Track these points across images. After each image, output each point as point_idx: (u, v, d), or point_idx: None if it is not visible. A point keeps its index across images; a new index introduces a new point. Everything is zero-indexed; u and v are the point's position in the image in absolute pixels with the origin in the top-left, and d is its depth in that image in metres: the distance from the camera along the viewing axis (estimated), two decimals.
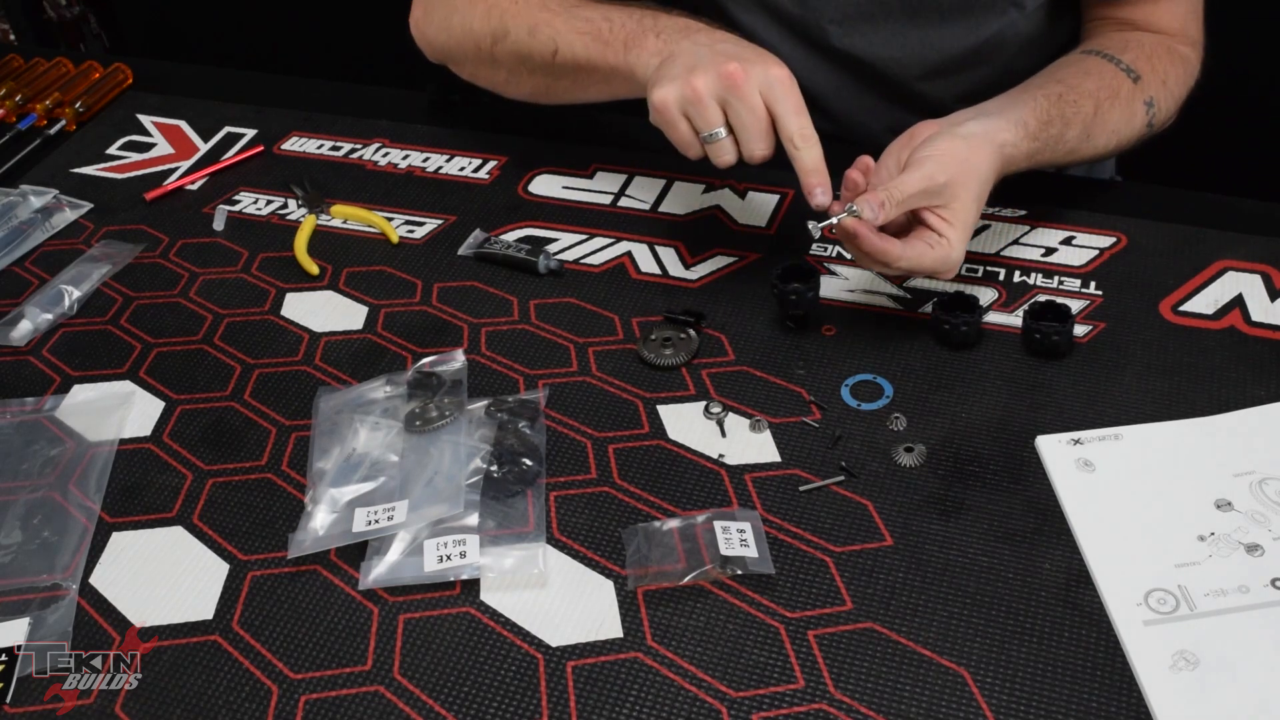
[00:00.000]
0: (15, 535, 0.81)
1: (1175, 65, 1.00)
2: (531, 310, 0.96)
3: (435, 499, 0.79)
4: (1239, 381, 0.83)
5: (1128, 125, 0.96)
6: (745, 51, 0.85)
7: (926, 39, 1.05)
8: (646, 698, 0.68)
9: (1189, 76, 1.01)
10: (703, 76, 0.83)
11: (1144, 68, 0.98)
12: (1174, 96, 1.00)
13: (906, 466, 0.80)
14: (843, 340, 0.90)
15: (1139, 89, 0.97)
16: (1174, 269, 0.94)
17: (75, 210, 1.12)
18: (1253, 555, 0.71)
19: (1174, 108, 1.00)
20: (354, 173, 1.15)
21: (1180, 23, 1.02)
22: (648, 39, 0.90)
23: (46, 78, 1.32)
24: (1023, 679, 0.67)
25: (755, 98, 0.82)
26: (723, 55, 0.84)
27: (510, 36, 1.00)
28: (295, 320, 0.98)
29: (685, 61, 0.85)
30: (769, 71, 0.83)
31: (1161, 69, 0.99)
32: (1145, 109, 0.97)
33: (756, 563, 0.73)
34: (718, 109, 0.83)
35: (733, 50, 0.85)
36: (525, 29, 0.98)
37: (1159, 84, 0.98)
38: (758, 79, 0.82)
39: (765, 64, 0.83)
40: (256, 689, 0.70)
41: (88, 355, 0.96)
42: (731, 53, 0.84)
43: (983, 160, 0.86)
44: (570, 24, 0.95)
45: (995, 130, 0.88)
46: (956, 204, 0.84)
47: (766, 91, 0.83)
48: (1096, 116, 0.94)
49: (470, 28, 1.04)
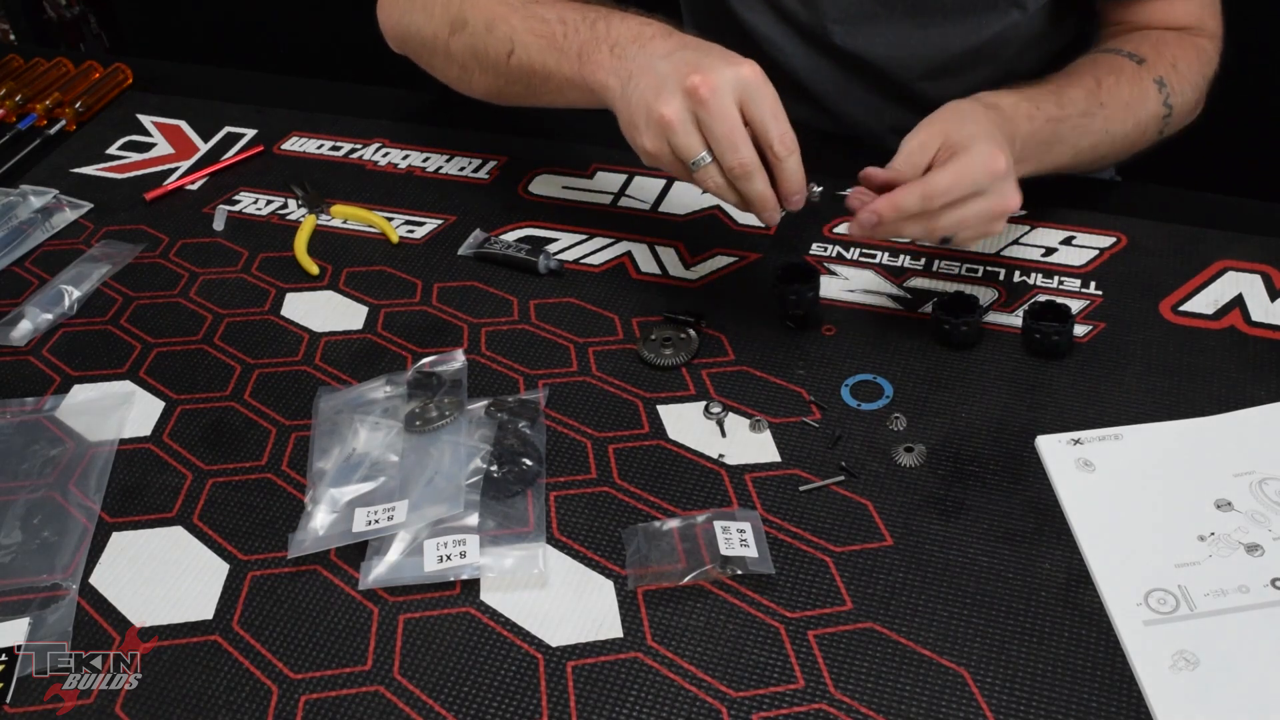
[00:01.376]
0: (15, 535, 0.81)
1: (1186, 50, 0.98)
2: (531, 310, 0.96)
3: (435, 499, 0.79)
4: (1239, 381, 0.83)
5: (1141, 102, 0.94)
6: (706, 57, 0.79)
7: (929, 38, 1.05)
8: (646, 698, 0.68)
9: (1204, 64, 1.00)
10: (669, 101, 0.77)
11: (1148, 52, 0.96)
12: (1189, 81, 0.98)
13: (906, 466, 0.80)
14: (843, 340, 0.90)
15: (1145, 69, 0.95)
16: (1174, 269, 0.94)
17: (75, 210, 1.12)
18: (1253, 555, 0.71)
19: (1192, 94, 0.98)
20: (354, 173, 1.15)
21: (1195, 17, 1.01)
22: (601, 52, 0.85)
23: (46, 78, 1.32)
24: (1023, 679, 0.67)
25: (726, 103, 0.76)
26: (684, 65, 0.78)
27: (468, 29, 0.96)
28: (295, 320, 0.98)
29: (648, 85, 0.79)
30: (738, 73, 0.77)
31: (1169, 54, 0.97)
32: (1157, 87, 0.95)
33: (756, 563, 0.73)
34: (694, 130, 0.78)
35: (693, 58, 0.79)
36: (483, 22, 0.95)
37: (1167, 66, 0.96)
38: (726, 84, 0.77)
39: (732, 65, 0.77)
40: (256, 689, 0.70)
41: (88, 355, 0.96)
42: (692, 61, 0.78)
43: (966, 106, 0.84)
44: (527, 23, 0.91)
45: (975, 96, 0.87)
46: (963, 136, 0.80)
47: (740, 96, 0.77)
48: (1101, 88, 0.92)
49: (430, 14, 1.00)
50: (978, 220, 0.81)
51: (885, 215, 0.79)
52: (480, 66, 0.97)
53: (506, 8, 0.93)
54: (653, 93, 0.79)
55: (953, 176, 0.79)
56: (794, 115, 1.17)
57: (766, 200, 0.79)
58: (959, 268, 0.95)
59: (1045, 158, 0.91)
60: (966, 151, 0.79)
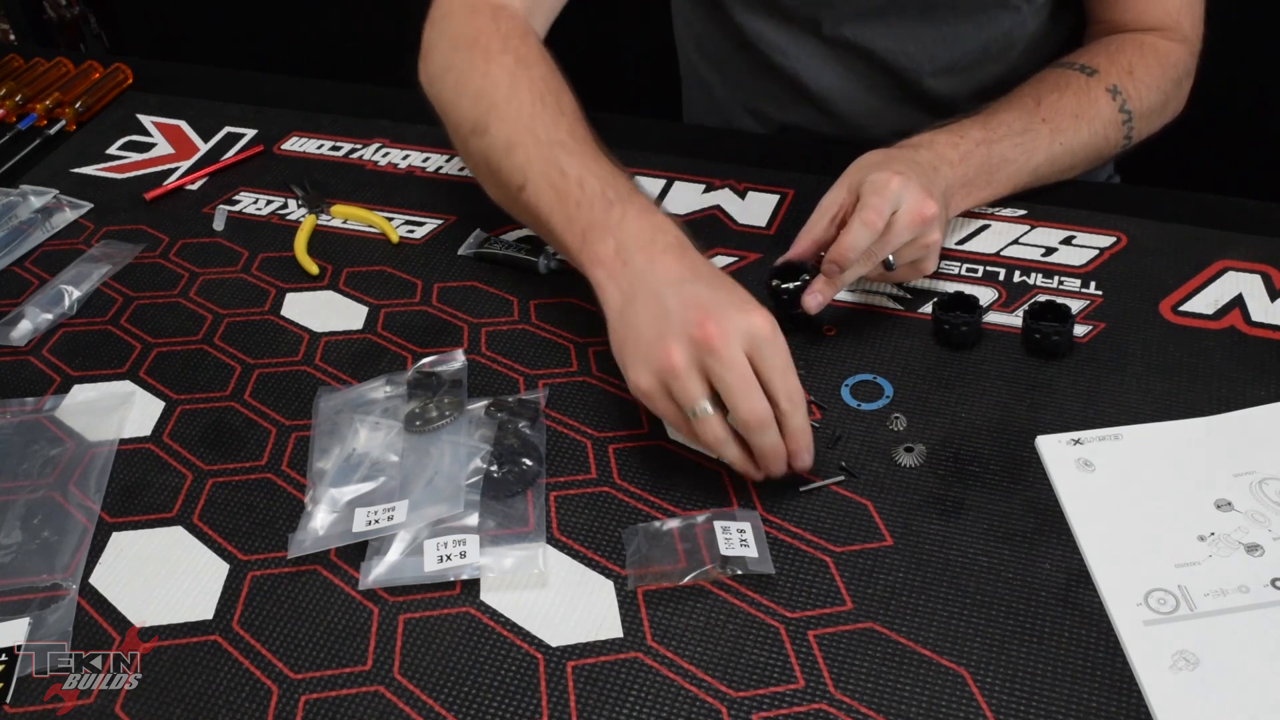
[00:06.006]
0: (15, 535, 0.81)
1: (1144, 56, 1.00)
2: (531, 310, 0.96)
3: (435, 499, 0.79)
4: (1239, 381, 0.83)
5: (1091, 110, 0.97)
6: (715, 298, 0.74)
7: (940, 35, 1.06)
8: (646, 698, 0.68)
9: (1168, 67, 1.01)
10: (676, 345, 0.72)
11: (1101, 63, 0.99)
12: (1147, 85, 0.99)
13: (906, 466, 0.80)
14: (843, 340, 0.90)
15: (1095, 79, 0.98)
16: (1174, 269, 0.94)
17: (75, 210, 1.12)
18: (1253, 555, 0.71)
19: (1154, 96, 1.00)
20: (354, 173, 1.15)
21: (1172, 18, 1.03)
22: (606, 245, 0.80)
23: (46, 78, 1.32)
24: (1023, 679, 0.67)
25: (738, 353, 0.72)
26: (695, 308, 0.73)
27: (488, 138, 0.90)
28: (295, 320, 0.98)
29: (650, 319, 0.75)
30: (750, 322, 0.73)
31: (1125, 60, 0.99)
32: (1110, 95, 0.97)
33: (756, 563, 0.73)
34: (699, 379, 0.73)
35: (706, 297, 0.74)
36: (503, 141, 0.88)
37: (1122, 74, 0.98)
38: (739, 335, 0.72)
39: (745, 313, 0.73)
40: (256, 689, 0.70)
41: (88, 355, 0.96)
42: (705, 302, 0.74)
43: (875, 154, 0.89)
44: (545, 166, 0.85)
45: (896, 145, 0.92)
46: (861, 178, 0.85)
47: (750, 348, 0.72)
48: (1041, 105, 0.95)
49: (459, 98, 0.93)
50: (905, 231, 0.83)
51: (846, 256, 0.82)
52: (494, 182, 0.92)
53: (530, 136, 0.87)
54: (655, 331, 0.74)
55: (872, 199, 0.82)
56: (795, 118, 1.18)
57: (779, 452, 0.74)
58: (959, 268, 0.95)
59: (994, 179, 0.94)
60: (866, 181, 0.84)
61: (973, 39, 1.06)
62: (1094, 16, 1.08)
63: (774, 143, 1.19)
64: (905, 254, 0.86)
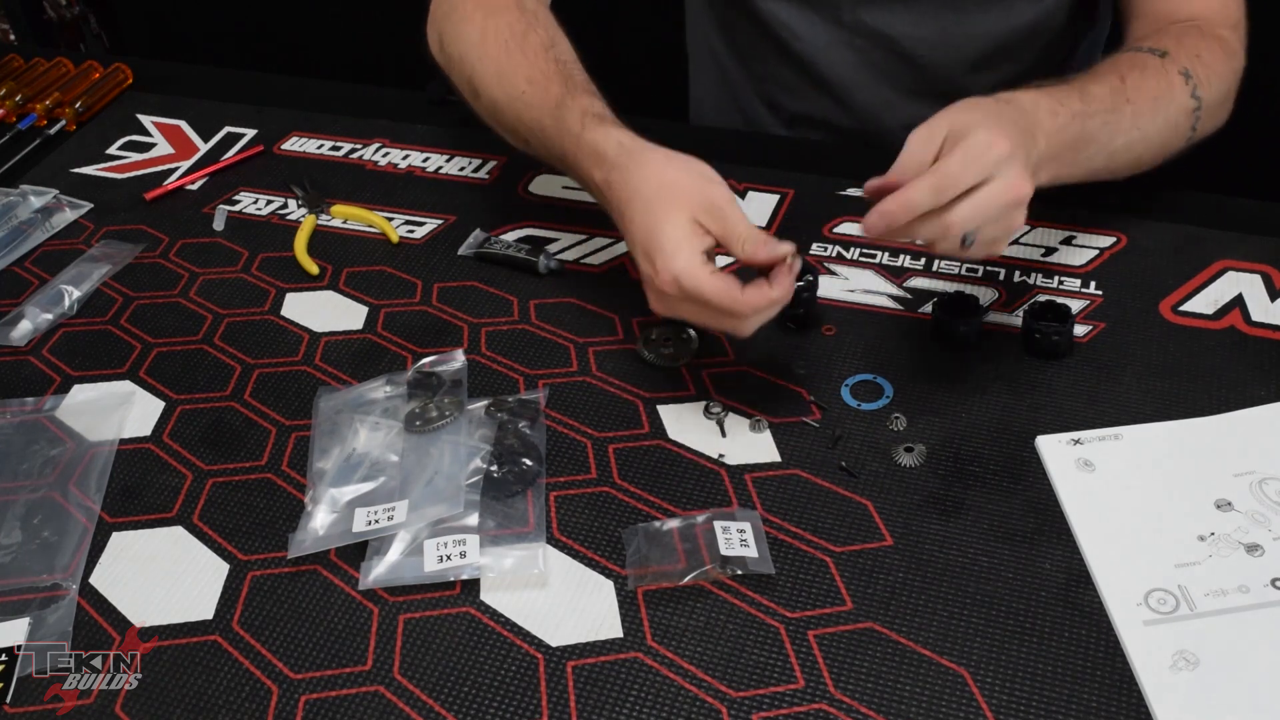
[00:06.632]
0: (15, 535, 0.81)
1: (1207, 42, 0.94)
2: (531, 310, 0.96)
3: (435, 499, 0.79)
4: (1239, 381, 0.83)
5: (1169, 94, 0.90)
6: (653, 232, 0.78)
7: (964, 24, 1.05)
8: (646, 698, 0.68)
9: (1229, 56, 0.96)
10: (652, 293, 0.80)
11: (1170, 45, 0.92)
12: (1215, 72, 0.93)
13: (906, 466, 0.80)
14: (843, 340, 0.90)
15: (1168, 62, 0.91)
16: (1174, 269, 0.94)
17: (75, 210, 1.12)
18: (1253, 555, 0.71)
19: (1220, 85, 0.94)
20: (354, 173, 1.15)
21: (1217, 7, 0.98)
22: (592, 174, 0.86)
23: (46, 78, 1.32)
24: (1023, 679, 0.67)
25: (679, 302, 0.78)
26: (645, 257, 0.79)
27: (481, 100, 0.96)
28: (295, 320, 0.98)
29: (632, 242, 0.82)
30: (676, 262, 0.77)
31: (1191, 45, 0.93)
32: (1183, 79, 0.91)
33: (756, 563, 0.73)
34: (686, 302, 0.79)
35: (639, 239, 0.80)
36: (489, 105, 0.95)
37: (1191, 58, 0.92)
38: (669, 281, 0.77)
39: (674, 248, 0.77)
40: (256, 689, 0.70)
41: (88, 355, 0.96)
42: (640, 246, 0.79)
43: (975, 100, 0.79)
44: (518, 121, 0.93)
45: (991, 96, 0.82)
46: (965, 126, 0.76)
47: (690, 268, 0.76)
48: (1126, 83, 0.88)
49: (450, 67, 1.00)
50: (992, 208, 0.75)
51: (896, 215, 0.74)
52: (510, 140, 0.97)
53: (503, 94, 0.93)
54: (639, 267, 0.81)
55: (959, 161, 0.73)
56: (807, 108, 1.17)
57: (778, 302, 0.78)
58: (959, 268, 0.95)
59: (1077, 158, 0.85)
60: (966, 139, 0.75)
61: (994, 29, 1.05)
62: (1136, 10, 1.00)
63: (775, 143, 1.19)
64: (987, 232, 0.77)
